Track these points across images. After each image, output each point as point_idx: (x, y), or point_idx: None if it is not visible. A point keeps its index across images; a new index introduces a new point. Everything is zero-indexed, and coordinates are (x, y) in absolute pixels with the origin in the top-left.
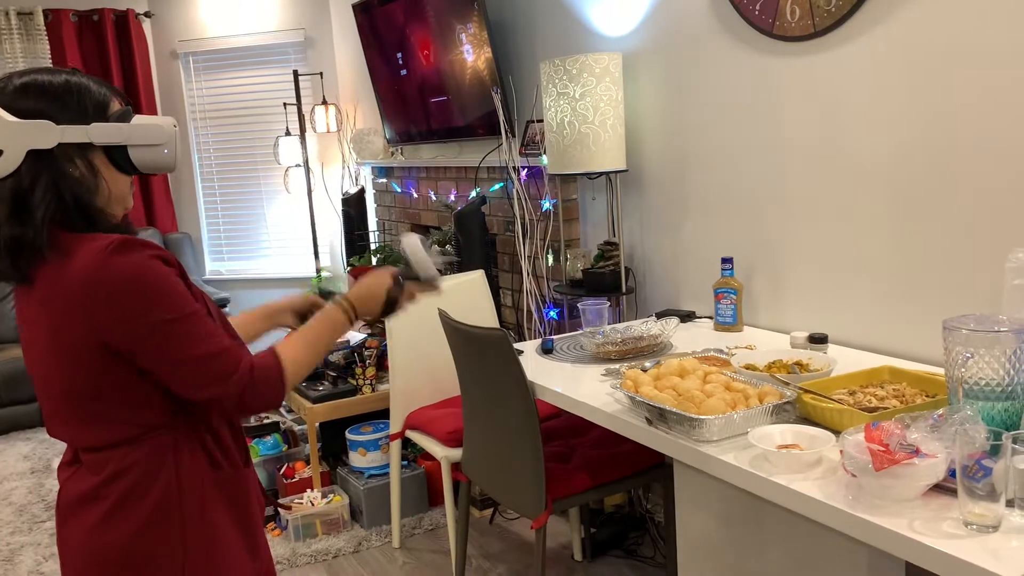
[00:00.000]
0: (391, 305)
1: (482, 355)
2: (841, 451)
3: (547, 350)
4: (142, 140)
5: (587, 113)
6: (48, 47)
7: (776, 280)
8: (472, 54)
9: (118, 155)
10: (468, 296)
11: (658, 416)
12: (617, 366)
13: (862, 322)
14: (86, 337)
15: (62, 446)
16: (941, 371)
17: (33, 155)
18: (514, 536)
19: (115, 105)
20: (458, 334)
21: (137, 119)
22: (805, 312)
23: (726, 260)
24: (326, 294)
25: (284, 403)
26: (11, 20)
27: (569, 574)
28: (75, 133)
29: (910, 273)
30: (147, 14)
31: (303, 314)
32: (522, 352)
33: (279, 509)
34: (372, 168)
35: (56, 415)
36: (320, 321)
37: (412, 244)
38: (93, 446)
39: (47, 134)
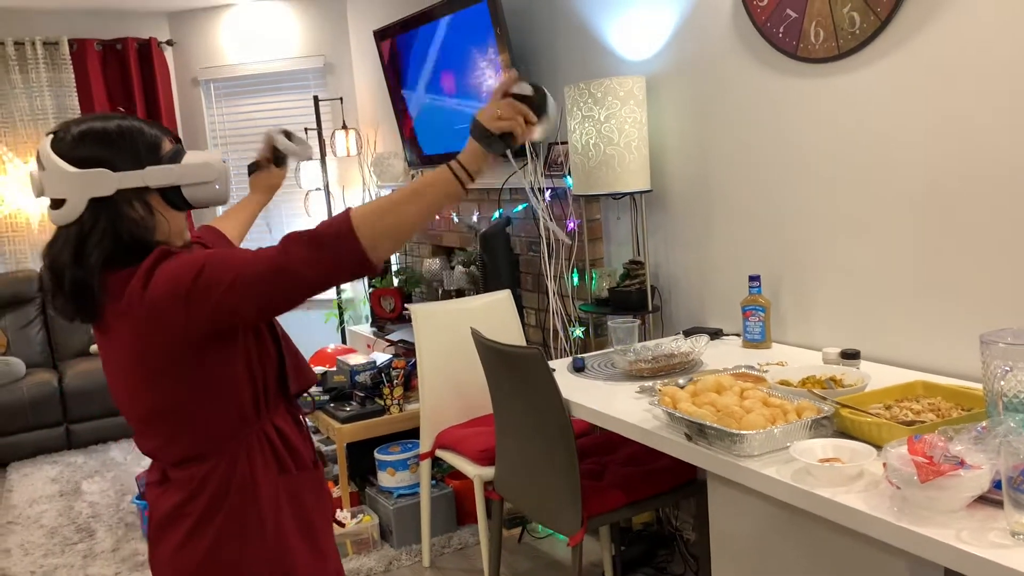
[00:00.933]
0: (478, 127)
1: (516, 373)
2: (884, 464)
3: (578, 368)
4: (194, 179)
5: (612, 135)
6: (73, 76)
7: (803, 297)
8: (494, 78)
9: (172, 194)
10: (495, 315)
11: (698, 432)
12: (651, 383)
13: (891, 338)
14: (156, 339)
15: (89, 469)
16: (973, 385)
17: (94, 201)
18: (543, 555)
19: (166, 144)
20: (492, 353)
21: (188, 157)
22: (833, 329)
23: (754, 278)
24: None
25: (311, 420)
26: (37, 50)
27: None
28: (132, 179)
29: (939, 289)
30: (169, 42)
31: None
32: (554, 370)
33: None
34: (392, 190)
35: (142, 434)
36: (416, 181)
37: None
38: (176, 460)
39: (106, 182)
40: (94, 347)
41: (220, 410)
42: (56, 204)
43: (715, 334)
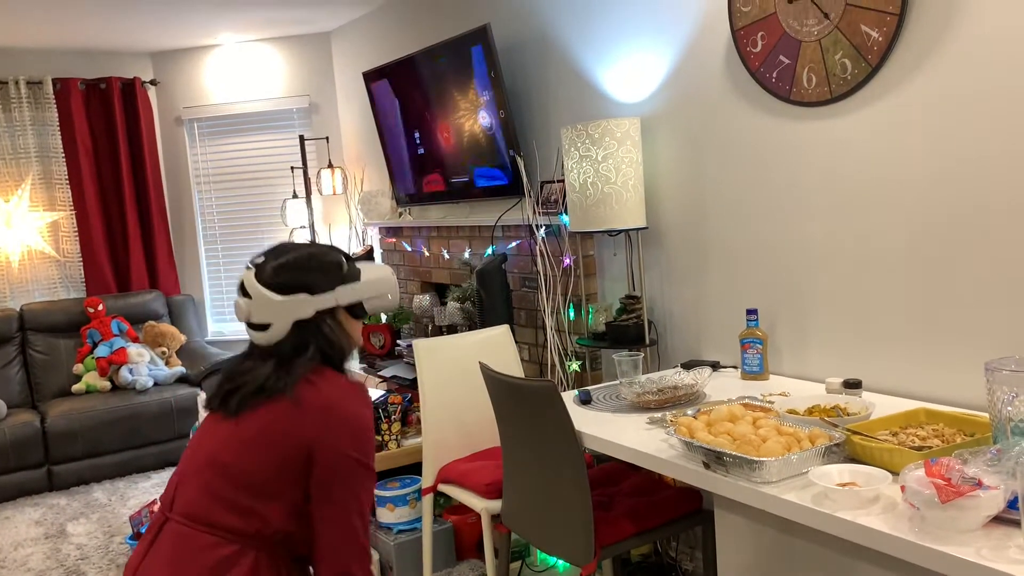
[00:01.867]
0: None
1: (527, 406)
2: (903, 487)
3: (584, 401)
4: (373, 293)
5: (610, 174)
6: (57, 115)
7: (799, 330)
8: (488, 119)
9: (356, 308)
10: (494, 350)
11: (716, 460)
12: (660, 415)
13: (888, 368)
14: (294, 439)
15: (72, 511)
16: (972, 412)
17: (295, 324)
18: None
19: (345, 264)
20: (502, 386)
21: (366, 274)
22: (829, 360)
23: (751, 311)
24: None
25: None
26: (21, 89)
27: None
28: (326, 300)
29: (934, 321)
30: (152, 82)
31: None
32: None
33: None
34: (380, 228)
35: (193, 480)
36: None
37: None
38: (198, 517)
39: (306, 306)
40: (76, 386)
41: (277, 514)
42: (260, 327)
43: (713, 366)
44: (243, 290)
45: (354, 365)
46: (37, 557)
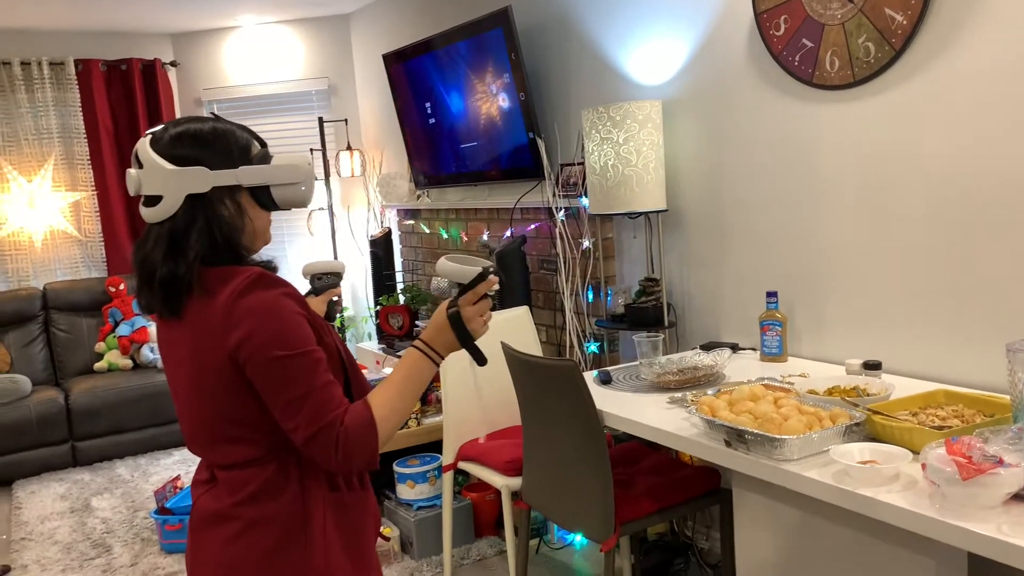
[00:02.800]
0: (458, 324)
1: (549, 385)
2: (923, 464)
3: (604, 381)
4: (283, 179)
5: (630, 157)
6: (78, 95)
7: (817, 312)
8: (508, 102)
9: (262, 194)
10: (514, 331)
11: (737, 438)
12: (680, 395)
13: (906, 350)
14: (223, 359)
15: (96, 486)
16: (990, 393)
17: (189, 199)
18: (560, 565)
19: (255, 147)
20: (525, 366)
21: (277, 159)
22: (847, 342)
23: (771, 294)
24: (318, 282)
25: None
26: (43, 70)
27: None
28: (226, 177)
29: (953, 304)
30: (173, 63)
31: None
32: None
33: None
34: (398, 210)
35: (196, 436)
36: (401, 369)
37: (442, 265)
38: (227, 464)
39: (202, 179)
40: (98, 364)
41: (270, 429)
42: (151, 202)
43: (732, 348)
44: (137, 160)
45: (373, 346)
46: (64, 530)
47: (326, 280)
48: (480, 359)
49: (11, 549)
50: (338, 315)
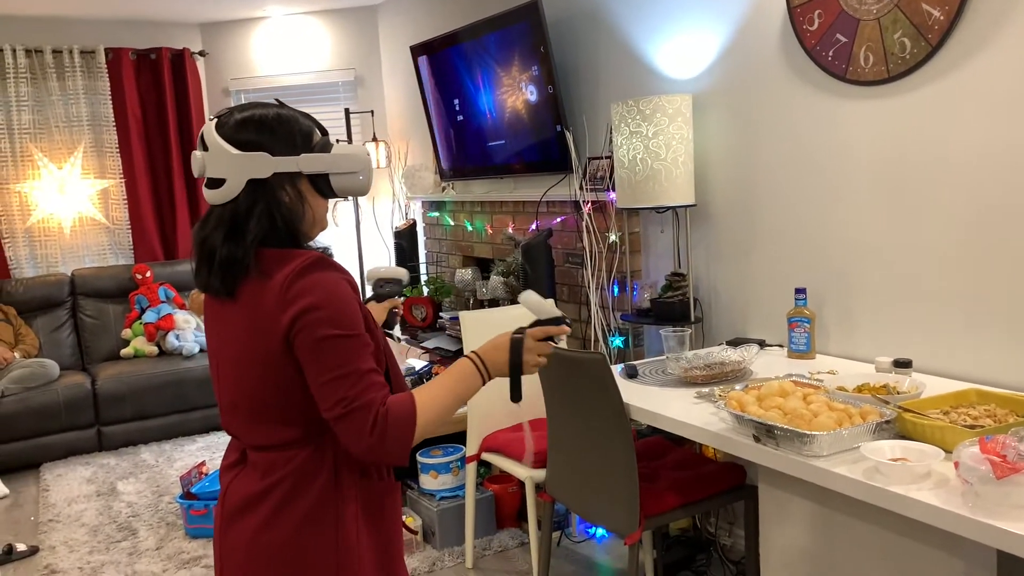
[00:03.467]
0: (518, 350)
1: (576, 378)
2: (956, 463)
3: (631, 375)
4: (342, 168)
5: (660, 151)
6: (108, 84)
7: (846, 310)
8: (535, 95)
9: (321, 182)
10: None
11: (766, 433)
12: (707, 390)
13: (936, 349)
14: (276, 338)
15: (122, 470)
16: (1022, 394)
17: (251, 183)
18: (581, 558)
19: (317, 135)
20: (552, 358)
21: (337, 148)
22: (877, 340)
23: (800, 290)
24: (380, 288)
25: None
26: (75, 58)
27: None
28: (287, 163)
29: (985, 302)
30: (201, 53)
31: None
32: None
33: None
34: (423, 202)
35: (236, 413)
36: (451, 374)
37: (527, 296)
38: (262, 445)
39: (265, 164)
40: (125, 351)
41: (309, 413)
42: (214, 184)
43: (759, 344)
44: (203, 143)
45: (395, 333)
46: (90, 513)
47: (389, 288)
48: (517, 394)
49: (39, 530)
50: (396, 326)
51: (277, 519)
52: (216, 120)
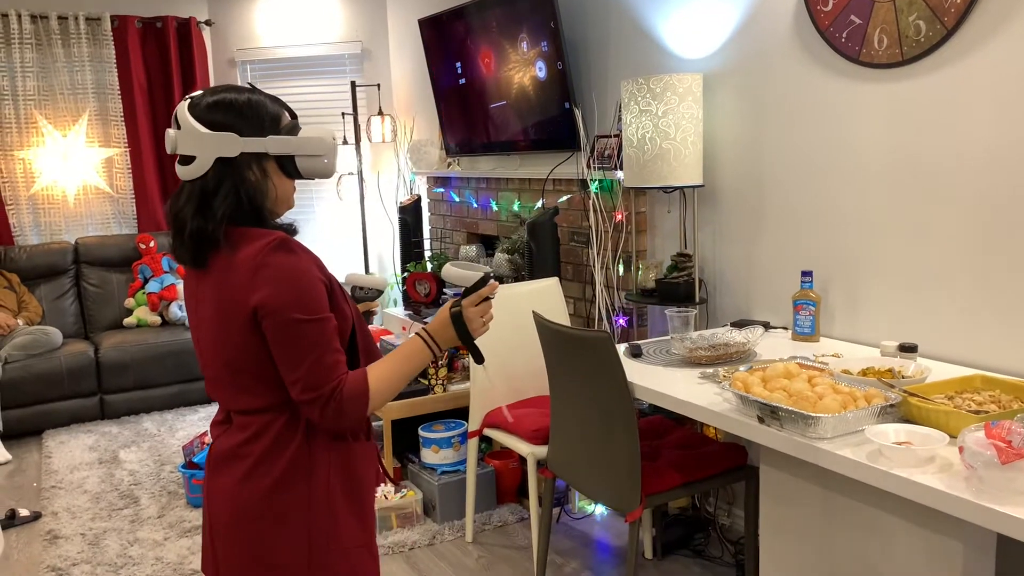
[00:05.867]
0: (460, 323)
1: (580, 356)
2: (960, 447)
3: (635, 354)
4: (308, 151)
5: (669, 130)
6: (114, 51)
7: (852, 293)
8: (544, 71)
9: (287, 163)
10: (543, 302)
11: (771, 415)
12: (711, 370)
13: (942, 334)
14: (245, 314)
15: (124, 439)
16: None
17: (219, 161)
18: (580, 534)
19: (285, 118)
20: (555, 335)
21: (304, 131)
22: (881, 324)
23: (806, 273)
24: (359, 291)
25: None
26: (80, 25)
27: (642, 571)
28: (255, 144)
29: (994, 289)
30: (208, 22)
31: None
32: None
33: (387, 481)
34: (428, 178)
35: (216, 381)
36: (402, 351)
37: (447, 270)
38: (242, 409)
39: (233, 144)
40: (128, 320)
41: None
42: (185, 161)
43: (764, 326)
44: (176, 122)
45: (399, 311)
46: (92, 480)
47: (366, 292)
48: (478, 357)
49: (42, 496)
50: (371, 324)
51: (254, 476)
52: (189, 101)
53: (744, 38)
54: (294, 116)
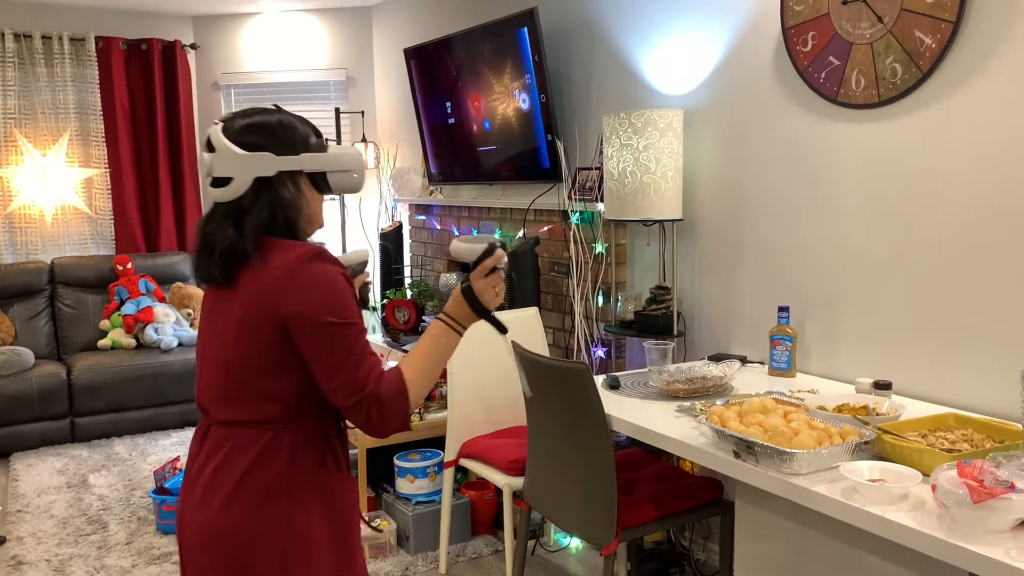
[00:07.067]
0: (471, 297)
1: (558, 387)
2: (933, 486)
3: (612, 386)
4: (339, 166)
5: (649, 164)
6: (97, 72)
7: (828, 330)
8: (527, 103)
9: (319, 179)
10: (523, 331)
11: (746, 449)
12: (688, 404)
13: (916, 372)
14: (273, 322)
15: (94, 463)
16: (1001, 420)
17: (256, 181)
18: (555, 567)
19: (313, 138)
20: (535, 366)
21: (333, 149)
22: (857, 361)
23: (783, 309)
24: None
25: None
26: (64, 45)
27: None
28: (290, 162)
29: (967, 328)
30: (193, 46)
31: None
32: None
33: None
34: (410, 205)
35: (211, 389)
36: (426, 339)
37: (454, 246)
38: (227, 420)
39: (270, 164)
40: (102, 342)
41: (287, 390)
42: (220, 183)
43: (741, 361)
44: (209, 145)
45: (377, 338)
46: (60, 505)
47: (354, 269)
48: (500, 328)
49: (7, 521)
50: (370, 297)
51: (232, 500)
52: (222, 124)
53: (725, 76)
54: (319, 135)
